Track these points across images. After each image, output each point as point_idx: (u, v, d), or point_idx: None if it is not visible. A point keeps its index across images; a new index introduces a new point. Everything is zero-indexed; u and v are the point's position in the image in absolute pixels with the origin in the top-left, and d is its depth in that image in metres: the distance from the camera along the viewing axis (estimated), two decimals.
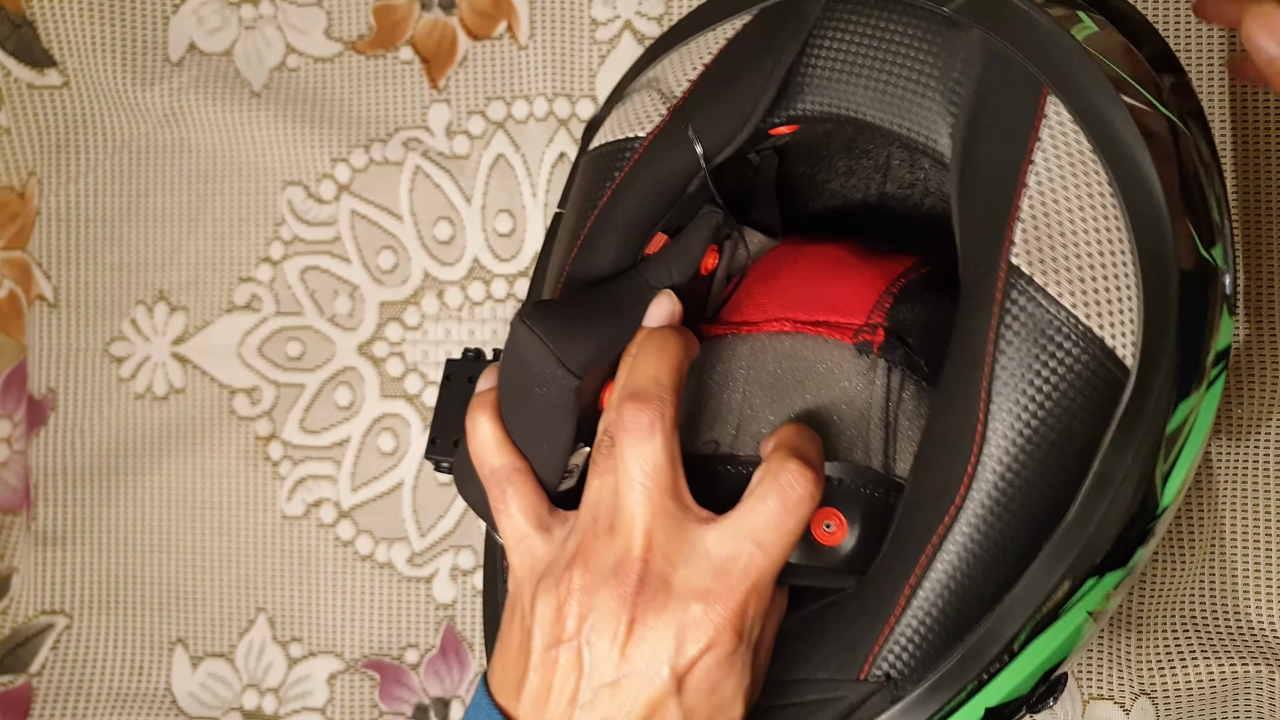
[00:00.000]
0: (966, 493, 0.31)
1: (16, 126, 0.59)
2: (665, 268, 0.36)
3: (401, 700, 0.55)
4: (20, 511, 0.60)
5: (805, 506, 0.31)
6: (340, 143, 0.56)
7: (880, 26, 0.34)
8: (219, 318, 0.58)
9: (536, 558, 0.33)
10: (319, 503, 0.57)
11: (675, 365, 0.32)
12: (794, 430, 0.34)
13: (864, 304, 0.36)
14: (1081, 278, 0.30)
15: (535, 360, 0.33)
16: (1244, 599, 0.48)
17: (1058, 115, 0.31)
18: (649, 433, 0.31)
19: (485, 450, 0.35)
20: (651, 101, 0.38)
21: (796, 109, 0.35)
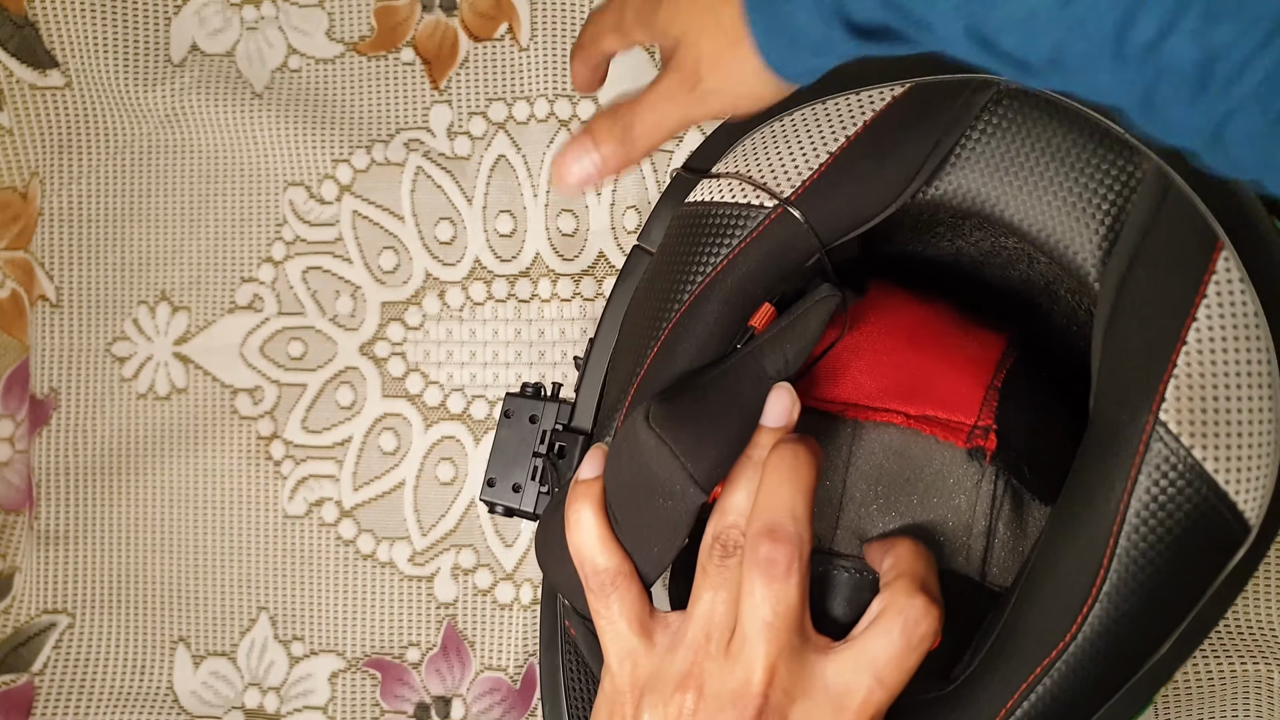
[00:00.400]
0: (1078, 630, 0.31)
1: (19, 127, 0.59)
2: (781, 354, 0.34)
3: (403, 699, 0.55)
4: (23, 511, 0.60)
5: (928, 643, 0.30)
6: (342, 143, 0.56)
7: (1048, 132, 0.32)
8: (221, 318, 0.58)
9: (639, 666, 0.32)
10: (321, 502, 0.57)
11: (809, 493, 0.31)
12: (913, 553, 0.33)
13: (972, 399, 0.35)
14: (1228, 444, 0.30)
15: (664, 472, 0.31)
16: (1243, 598, 0.48)
17: (1228, 272, 0.30)
18: (785, 574, 0.30)
19: (590, 549, 0.33)
20: (780, 165, 0.35)
21: (934, 194, 0.33)
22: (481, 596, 0.55)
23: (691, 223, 0.37)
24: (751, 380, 0.33)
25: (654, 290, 0.38)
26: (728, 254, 0.35)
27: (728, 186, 0.36)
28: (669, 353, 0.36)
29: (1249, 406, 0.30)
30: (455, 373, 0.56)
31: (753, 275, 0.35)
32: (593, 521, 0.33)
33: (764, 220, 0.35)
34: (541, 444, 0.43)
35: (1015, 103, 0.32)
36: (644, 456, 0.32)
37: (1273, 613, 0.48)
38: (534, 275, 0.55)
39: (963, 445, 0.35)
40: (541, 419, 0.43)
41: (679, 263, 0.37)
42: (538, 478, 0.43)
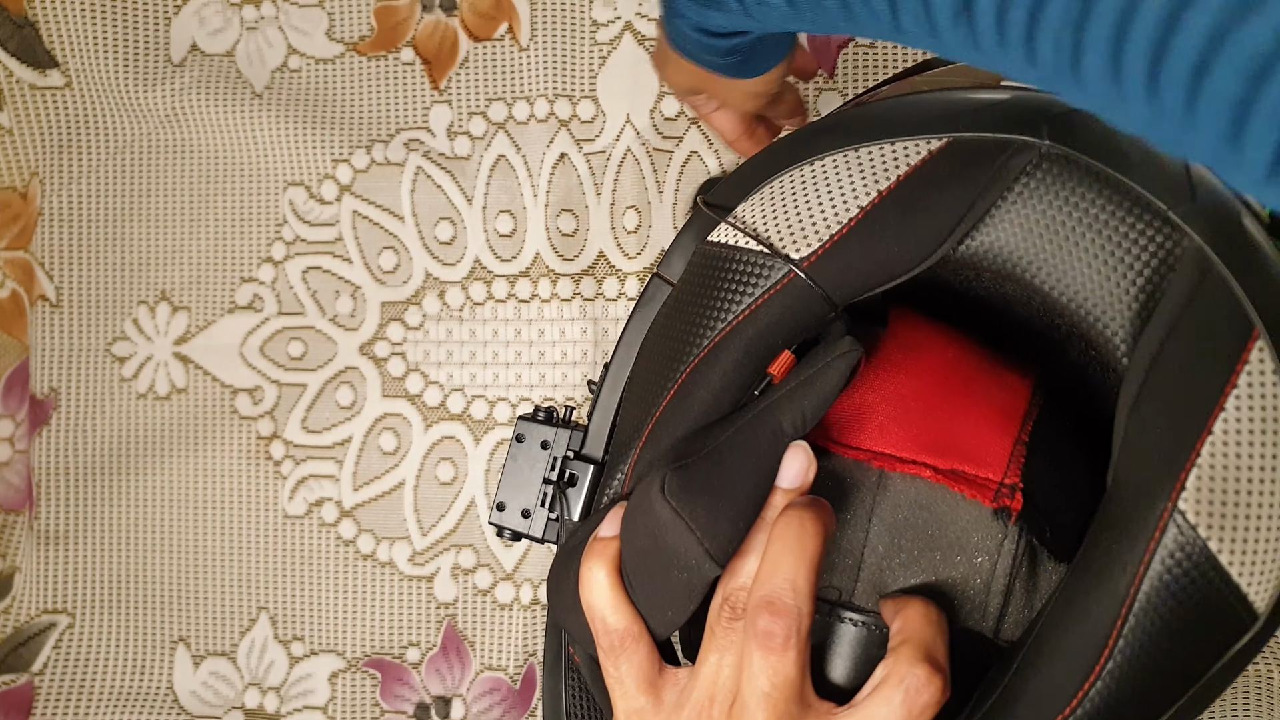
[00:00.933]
0: (1077, 706, 0.31)
1: (19, 127, 0.59)
2: (799, 410, 0.33)
3: (403, 699, 0.55)
4: (23, 511, 0.60)
5: (930, 713, 0.30)
6: (342, 143, 0.56)
7: (1087, 200, 0.31)
8: (221, 318, 0.58)
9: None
10: (320, 502, 0.57)
11: (814, 564, 0.31)
12: (923, 617, 0.32)
13: (1000, 453, 0.34)
14: (1245, 537, 0.30)
15: (679, 546, 0.31)
16: None
17: (1261, 363, 0.29)
18: (782, 647, 0.30)
19: (602, 609, 0.34)
20: (809, 216, 0.34)
21: (965, 251, 0.33)
22: (481, 596, 0.55)
23: (713, 264, 0.36)
24: (768, 438, 0.33)
25: (672, 328, 0.37)
26: (750, 304, 0.35)
27: (751, 230, 0.36)
28: (685, 397, 0.36)
29: (1269, 501, 0.30)
30: (455, 373, 0.56)
31: (773, 328, 0.34)
32: (606, 583, 0.33)
33: (789, 274, 0.34)
34: (552, 470, 0.43)
35: (1055, 167, 0.32)
36: (659, 529, 0.32)
37: None
38: (534, 275, 0.55)
39: (989, 504, 0.34)
40: (553, 445, 0.43)
41: (699, 304, 0.36)
42: (547, 504, 0.43)
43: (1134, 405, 0.31)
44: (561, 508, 0.41)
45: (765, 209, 0.35)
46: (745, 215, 0.36)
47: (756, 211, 0.36)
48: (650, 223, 0.54)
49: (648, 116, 0.53)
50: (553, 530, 0.43)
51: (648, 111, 0.53)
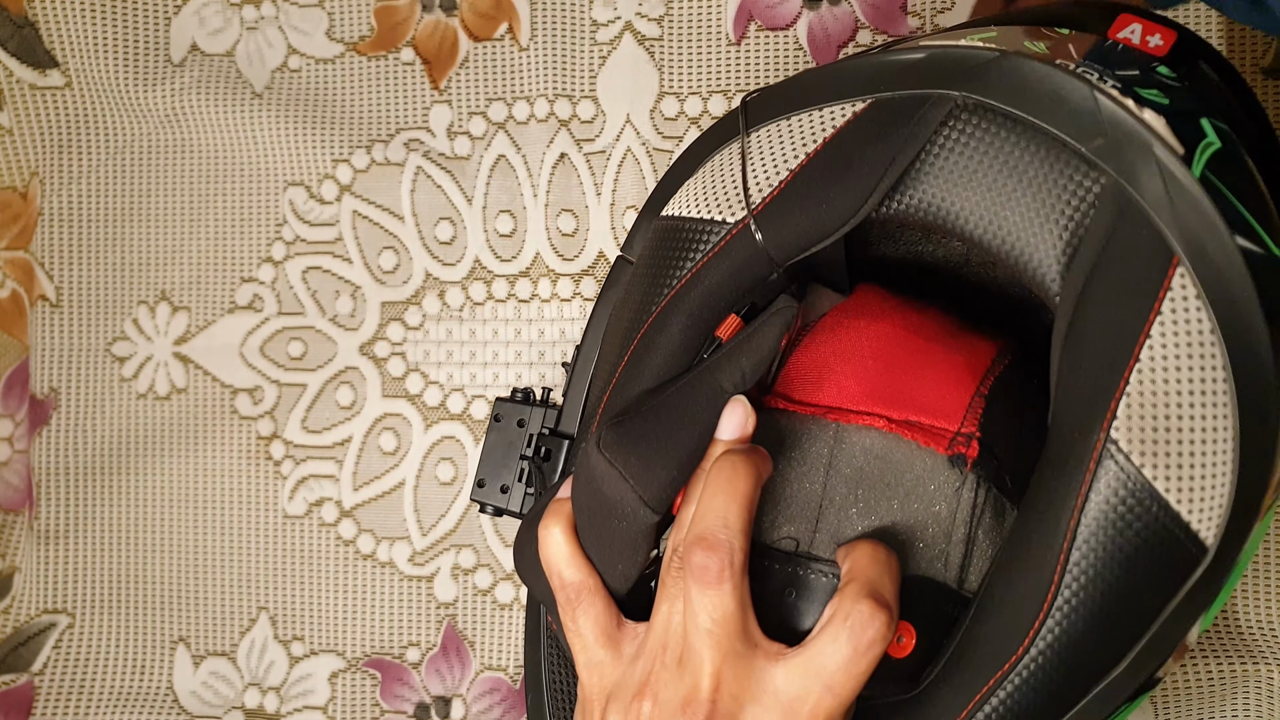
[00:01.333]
0: (1030, 644, 0.31)
1: (19, 127, 0.59)
2: (737, 368, 0.34)
3: (403, 699, 0.55)
4: (22, 511, 0.60)
5: (877, 648, 0.31)
6: (342, 143, 0.56)
7: (1006, 146, 0.32)
8: (221, 318, 0.58)
9: (605, 675, 0.34)
10: (320, 502, 0.57)
11: (745, 502, 0.32)
12: (870, 557, 0.33)
13: (957, 405, 0.35)
14: (1179, 464, 0.30)
15: (615, 495, 0.33)
16: (1242, 598, 0.48)
17: (1183, 290, 0.29)
18: (716, 580, 0.31)
19: (557, 563, 0.35)
20: (745, 183, 0.36)
21: (896, 207, 0.34)
22: (481, 596, 0.55)
23: (663, 238, 0.38)
24: (707, 395, 0.34)
25: (629, 302, 0.39)
26: (692, 268, 0.36)
27: (696, 201, 0.37)
28: (635, 365, 0.37)
29: (1203, 426, 0.30)
30: (455, 373, 0.56)
31: (717, 289, 0.36)
32: (560, 539, 0.35)
33: (726, 235, 0.36)
34: (529, 447, 0.44)
35: (974, 117, 0.32)
36: (596, 481, 0.33)
37: (1273, 613, 0.48)
38: (534, 275, 0.55)
39: (944, 452, 0.35)
40: (529, 423, 0.44)
41: (651, 276, 0.38)
42: (524, 479, 0.44)
43: (1065, 344, 0.31)
44: (537, 483, 0.43)
45: (705, 182, 0.37)
46: (689, 189, 0.38)
47: (698, 186, 0.37)
48: None
49: (648, 117, 0.53)
50: (530, 504, 0.44)
51: (648, 112, 0.53)
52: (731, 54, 0.53)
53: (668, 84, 0.53)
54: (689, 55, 0.53)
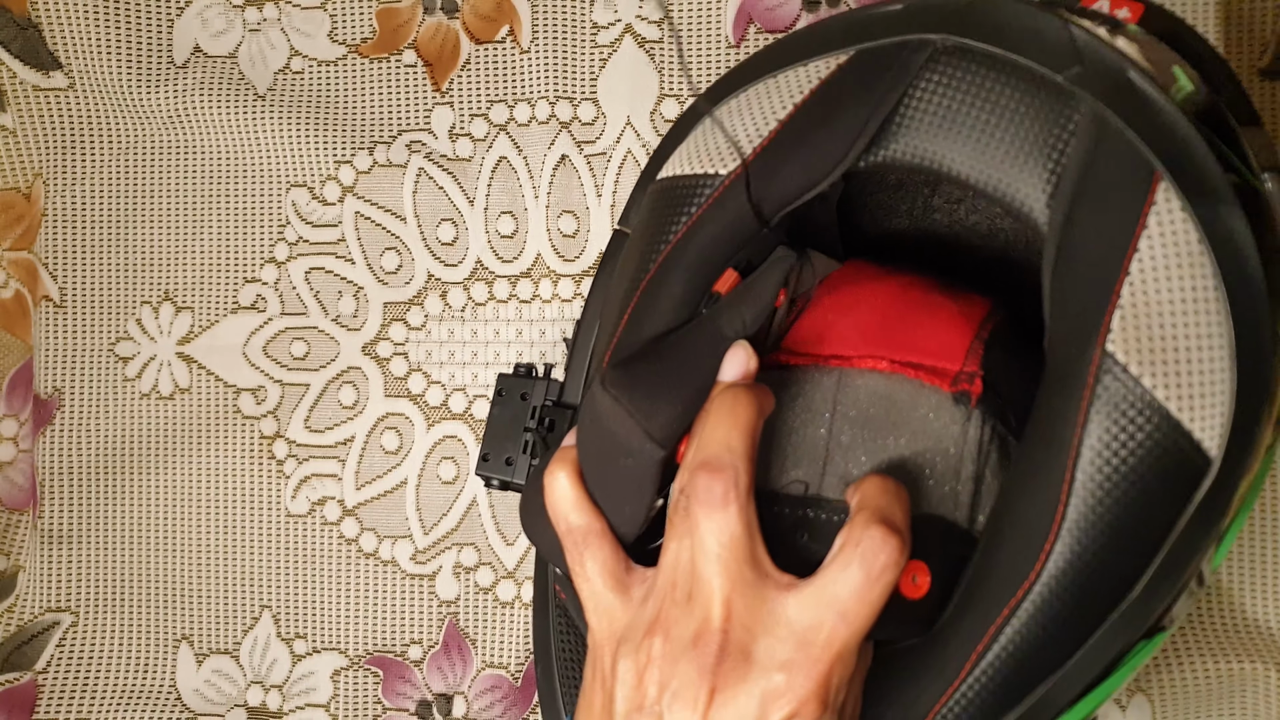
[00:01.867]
0: (1041, 569, 0.31)
1: (22, 128, 0.59)
2: (738, 315, 0.35)
3: (405, 696, 0.55)
4: (26, 510, 0.60)
5: (890, 574, 0.30)
6: (344, 145, 0.57)
7: (986, 84, 0.32)
8: (224, 318, 0.58)
9: (615, 620, 0.33)
10: (323, 501, 0.57)
11: (747, 429, 0.31)
12: (879, 488, 0.33)
13: (957, 348, 0.35)
14: (1177, 371, 0.30)
15: (621, 432, 0.32)
16: (1241, 597, 0.49)
17: (1168, 203, 0.30)
18: (722, 503, 0.30)
19: (563, 507, 0.34)
20: (734, 138, 0.36)
21: (884, 155, 0.34)
22: (483, 594, 0.55)
23: (658, 199, 0.38)
24: (708, 341, 0.34)
25: (627, 265, 0.39)
26: (687, 221, 0.36)
27: (687, 160, 0.38)
28: (636, 321, 0.37)
29: (1198, 334, 0.30)
30: (457, 373, 0.56)
31: (714, 240, 0.36)
32: (566, 484, 0.34)
33: (720, 186, 0.36)
34: (532, 419, 0.44)
35: (953, 59, 0.33)
36: (603, 419, 0.33)
37: (1272, 612, 0.48)
38: (535, 276, 0.55)
39: (948, 389, 0.35)
40: (532, 396, 0.45)
41: (648, 235, 0.38)
42: (529, 451, 0.44)
43: (1054, 268, 0.32)
44: (541, 454, 0.43)
45: (698, 141, 0.38)
46: (683, 150, 0.38)
47: (691, 145, 0.38)
48: None
49: (648, 118, 0.54)
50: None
51: (648, 114, 0.54)
52: (731, 56, 0.53)
53: (668, 86, 0.54)
54: (689, 57, 0.54)
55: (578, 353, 0.43)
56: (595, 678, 0.33)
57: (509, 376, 0.45)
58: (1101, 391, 0.30)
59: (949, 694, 0.32)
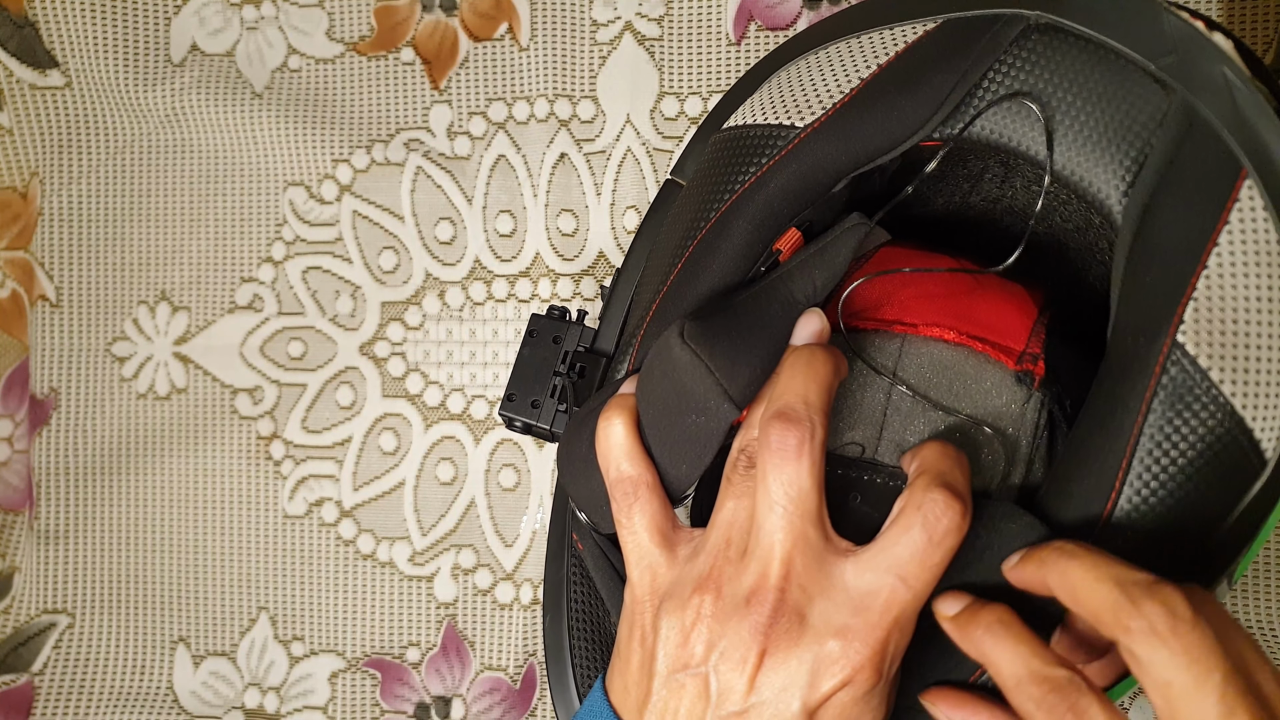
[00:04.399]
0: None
1: (19, 127, 0.59)
2: (810, 280, 0.34)
3: (403, 699, 0.55)
4: (22, 511, 0.60)
5: (952, 539, 0.29)
6: (342, 143, 0.56)
7: (1075, 66, 0.32)
8: (221, 318, 0.58)
9: (659, 576, 0.32)
10: (321, 502, 0.57)
11: (825, 385, 0.30)
12: (939, 452, 0.32)
13: (1020, 329, 0.35)
14: (1246, 368, 0.29)
15: (698, 388, 0.31)
16: (1242, 598, 0.48)
17: (1251, 200, 0.30)
18: (796, 455, 0.29)
19: (616, 455, 0.33)
20: (814, 91, 0.36)
21: (959, 129, 0.34)
22: (481, 596, 0.55)
23: (725, 147, 0.37)
24: (781, 304, 0.33)
25: (683, 214, 0.38)
26: (756, 171, 0.35)
27: (761, 110, 0.37)
28: (694, 267, 0.36)
29: (1270, 333, 0.29)
30: (455, 373, 0.56)
31: (781, 193, 0.35)
32: (623, 431, 0.33)
33: (794, 139, 0.35)
34: (563, 364, 0.43)
35: (1045, 37, 0.32)
36: (678, 372, 0.31)
37: (1273, 613, 0.48)
38: (534, 275, 0.55)
39: (1013, 366, 0.34)
40: (564, 340, 0.43)
41: (710, 184, 0.37)
42: (557, 396, 0.43)
43: (1129, 256, 0.31)
44: (570, 400, 0.42)
45: (773, 92, 0.37)
46: (754, 101, 0.37)
47: (765, 96, 0.37)
48: None
49: (648, 117, 0.53)
50: (561, 422, 0.43)
51: (648, 112, 0.53)
52: (732, 54, 0.53)
53: (668, 84, 0.53)
54: (689, 55, 0.53)
55: (615, 301, 0.41)
56: (634, 634, 0.32)
57: (541, 318, 0.44)
58: (1167, 381, 0.30)
59: (981, 671, 0.32)
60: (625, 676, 0.32)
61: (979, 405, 0.34)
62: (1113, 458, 0.30)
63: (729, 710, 0.29)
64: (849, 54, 0.36)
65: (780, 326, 0.33)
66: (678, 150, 0.53)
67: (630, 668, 0.32)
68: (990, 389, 0.34)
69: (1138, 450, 0.30)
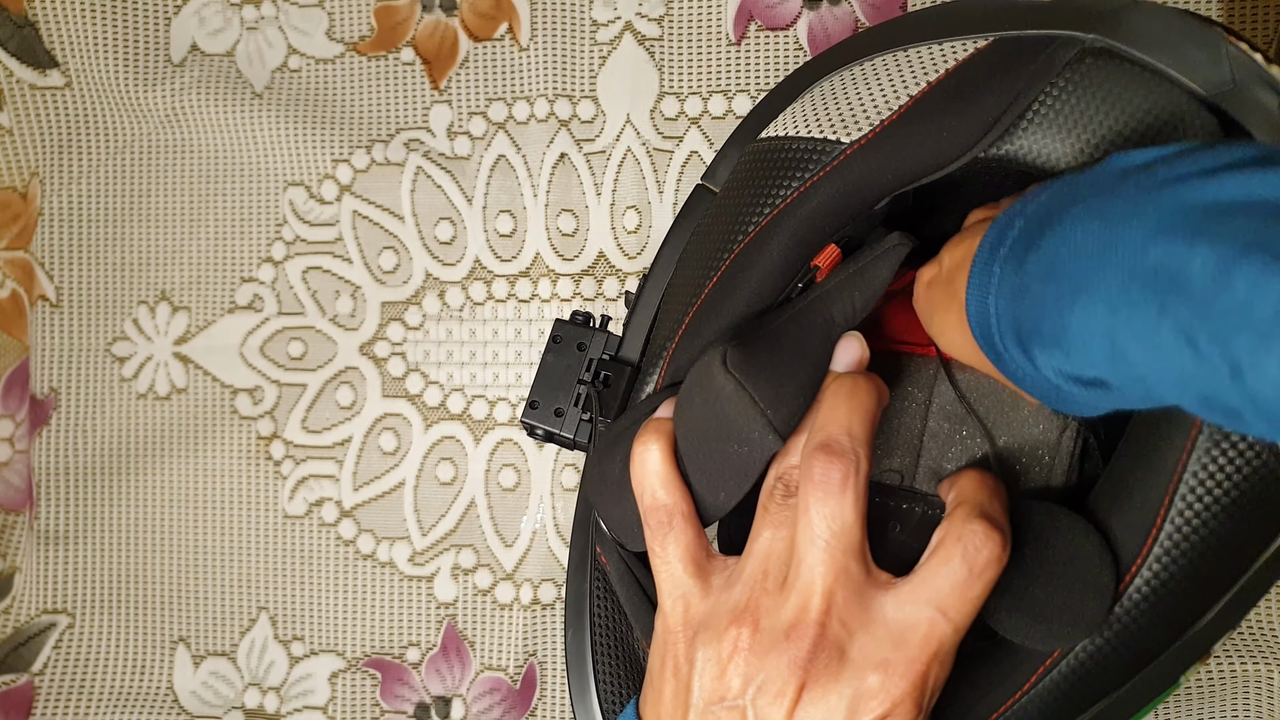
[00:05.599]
0: (1124, 590, 0.30)
1: (19, 127, 0.59)
2: (850, 302, 0.33)
3: (403, 699, 0.55)
4: (23, 511, 0.60)
5: (992, 571, 0.29)
6: (342, 143, 0.56)
7: (1128, 93, 0.31)
8: (221, 318, 0.58)
9: (693, 606, 0.32)
10: (321, 502, 0.57)
11: (869, 415, 0.30)
12: (979, 482, 0.31)
13: None
14: None
15: (741, 419, 0.31)
16: None
17: None
18: (840, 489, 0.29)
19: (652, 482, 0.33)
20: (860, 106, 0.35)
21: (1009, 149, 0.33)
22: (481, 596, 0.55)
23: (764, 158, 0.37)
24: (821, 328, 0.33)
25: (717, 225, 0.37)
26: (799, 187, 0.35)
27: (804, 122, 0.36)
28: (729, 282, 0.35)
29: None
30: (455, 373, 0.56)
31: (823, 211, 0.34)
32: (659, 458, 0.33)
33: (839, 155, 0.34)
34: (587, 372, 0.43)
35: (1099, 61, 0.32)
36: (720, 402, 0.31)
37: (1273, 613, 0.48)
38: (534, 275, 0.55)
39: None
40: (589, 347, 0.43)
41: (747, 197, 0.36)
42: (580, 405, 0.42)
43: None
44: (595, 409, 0.41)
45: (816, 104, 0.36)
46: (796, 111, 0.36)
47: (807, 108, 0.36)
48: (650, 223, 0.54)
49: (648, 116, 0.53)
50: (584, 431, 0.42)
51: (648, 111, 0.53)
52: (731, 54, 0.53)
53: (668, 84, 0.53)
54: (689, 55, 0.53)
55: (642, 308, 0.41)
56: (666, 664, 0.32)
57: (566, 324, 0.43)
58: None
59: (1009, 704, 0.32)
60: (659, 707, 0.32)
61: (1015, 433, 0.34)
62: (1154, 495, 0.30)
63: None
64: (897, 69, 0.35)
65: (820, 352, 0.32)
66: (678, 150, 0.53)
67: (664, 699, 0.32)
68: (1027, 416, 0.34)
69: (1179, 489, 0.29)
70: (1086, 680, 0.31)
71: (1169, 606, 0.30)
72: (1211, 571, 0.30)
